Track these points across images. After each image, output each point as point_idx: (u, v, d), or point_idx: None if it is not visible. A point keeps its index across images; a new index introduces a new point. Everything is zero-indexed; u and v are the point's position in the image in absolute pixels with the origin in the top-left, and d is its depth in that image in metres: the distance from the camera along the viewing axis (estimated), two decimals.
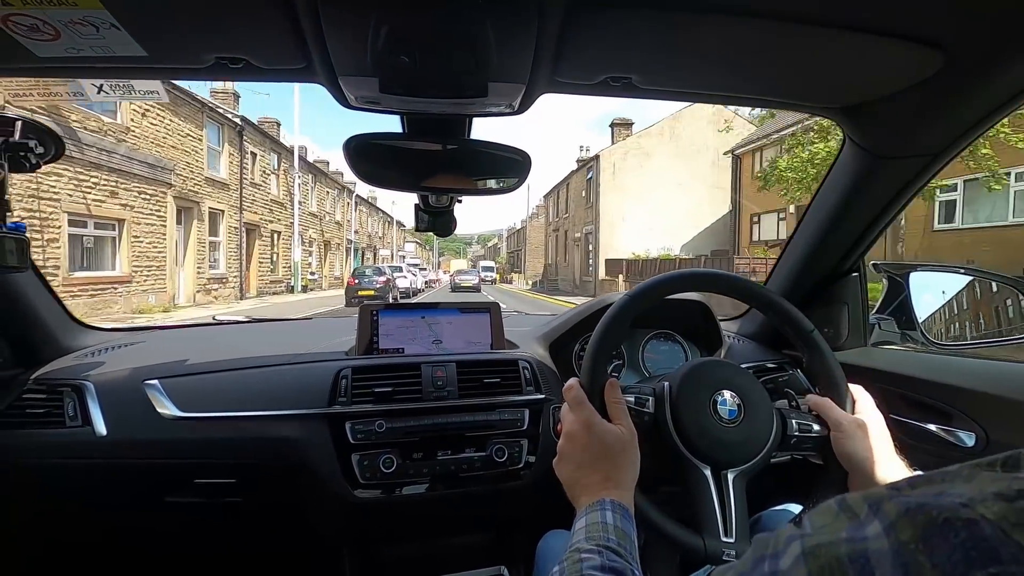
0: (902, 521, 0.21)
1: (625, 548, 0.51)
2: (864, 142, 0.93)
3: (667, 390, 0.73)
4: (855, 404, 0.74)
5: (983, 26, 0.61)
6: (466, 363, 1.12)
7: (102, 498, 1.08)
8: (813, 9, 0.59)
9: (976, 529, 0.19)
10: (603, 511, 0.55)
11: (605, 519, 0.54)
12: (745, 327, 1.41)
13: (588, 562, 0.48)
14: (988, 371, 0.94)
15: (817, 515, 0.26)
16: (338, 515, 1.09)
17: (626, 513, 0.56)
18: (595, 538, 0.52)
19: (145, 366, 1.09)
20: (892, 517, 0.21)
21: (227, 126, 14.54)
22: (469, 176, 0.87)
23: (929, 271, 1.21)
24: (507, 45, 0.62)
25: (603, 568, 0.47)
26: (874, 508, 0.23)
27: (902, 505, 0.22)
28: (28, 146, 0.84)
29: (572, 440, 0.63)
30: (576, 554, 0.50)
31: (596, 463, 0.61)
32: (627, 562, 0.49)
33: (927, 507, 0.21)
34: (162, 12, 0.59)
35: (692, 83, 0.81)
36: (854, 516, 0.23)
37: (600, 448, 0.62)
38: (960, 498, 0.20)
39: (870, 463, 0.66)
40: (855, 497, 0.25)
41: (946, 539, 0.19)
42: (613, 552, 0.50)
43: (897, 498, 0.22)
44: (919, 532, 0.20)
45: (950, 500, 0.20)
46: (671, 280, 0.77)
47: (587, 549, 0.50)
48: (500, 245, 72.63)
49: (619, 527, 0.54)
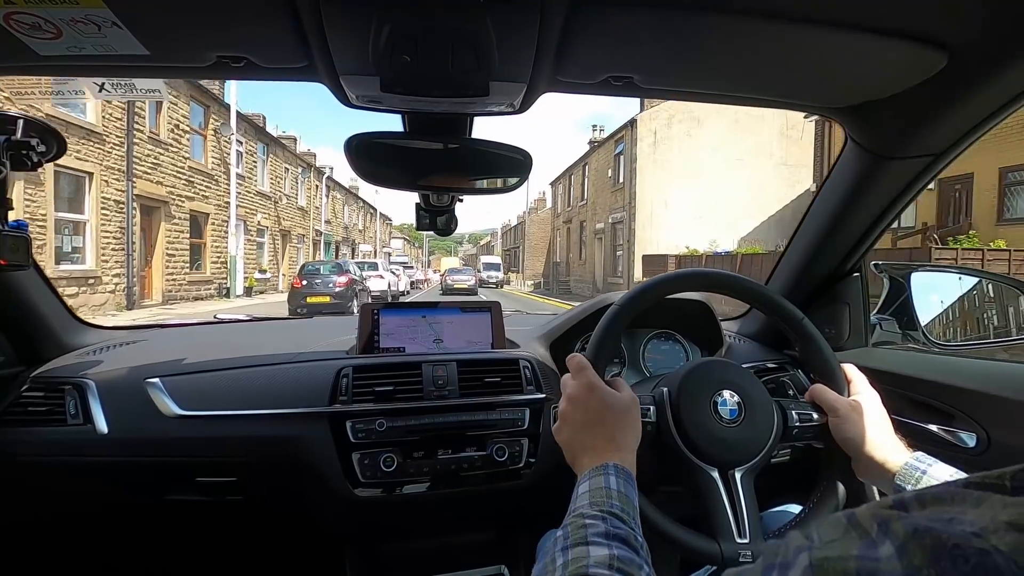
0: (911, 543, 0.21)
1: (628, 514, 0.51)
2: (866, 142, 0.92)
3: (667, 396, 0.74)
4: (851, 385, 0.74)
5: (985, 26, 0.61)
6: (467, 362, 1.12)
7: (103, 496, 1.08)
8: (815, 9, 0.59)
9: (988, 560, 0.19)
10: (607, 475, 0.55)
11: (609, 484, 0.54)
12: (746, 327, 1.41)
13: (592, 528, 0.48)
14: (989, 371, 0.94)
15: (826, 527, 0.26)
16: (339, 514, 1.09)
17: (629, 477, 0.56)
18: (599, 503, 0.51)
19: (146, 364, 1.09)
20: (901, 537, 0.21)
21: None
22: (470, 175, 0.87)
23: (930, 271, 1.21)
24: (508, 44, 0.62)
25: (607, 535, 0.47)
26: (884, 527, 0.23)
27: (911, 526, 0.22)
28: (30, 144, 0.84)
29: (574, 403, 0.64)
30: (580, 519, 0.49)
31: (598, 425, 0.62)
32: (631, 528, 0.49)
33: (936, 531, 0.21)
34: (164, 11, 0.59)
35: (694, 82, 0.80)
36: (865, 534, 0.23)
37: (602, 409, 0.63)
38: (972, 527, 0.20)
39: (869, 446, 0.67)
40: (864, 513, 0.25)
41: (956, 566, 0.19)
42: (617, 518, 0.50)
43: (906, 519, 0.22)
44: (928, 557, 0.20)
45: (960, 528, 0.20)
46: (666, 281, 0.78)
47: (591, 515, 0.50)
48: (494, 243, 68.06)
49: (622, 492, 0.54)
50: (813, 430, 0.74)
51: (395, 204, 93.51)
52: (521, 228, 43.07)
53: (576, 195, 25.02)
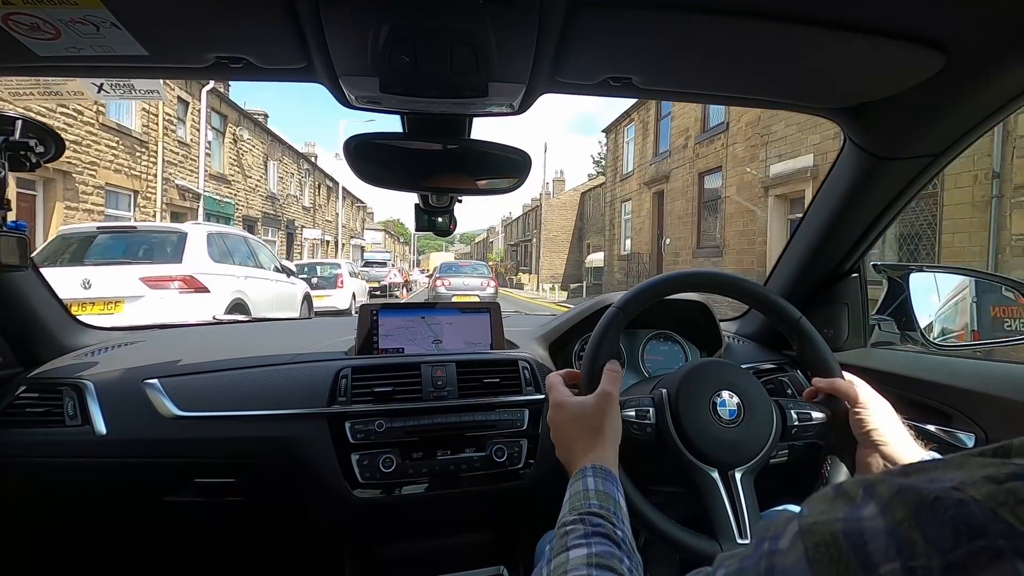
0: (895, 501, 0.22)
1: (608, 508, 0.52)
2: (865, 143, 0.93)
3: (665, 397, 0.74)
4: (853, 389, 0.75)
5: (984, 27, 0.61)
6: (466, 363, 1.12)
7: (102, 498, 1.08)
8: (814, 10, 0.59)
9: (965, 508, 0.20)
10: (584, 478, 0.57)
11: (586, 486, 0.55)
12: (744, 327, 1.41)
13: (573, 533, 0.49)
14: (988, 372, 0.94)
15: (815, 501, 0.27)
16: (338, 515, 1.09)
17: (607, 474, 0.57)
18: (577, 508, 0.53)
19: (145, 365, 1.08)
20: (885, 498, 0.22)
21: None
22: (469, 176, 0.87)
23: (929, 272, 1.21)
24: (507, 45, 0.62)
25: (586, 535, 0.48)
26: (868, 491, 0.24)
27: (894, 486, 0.23)
28: (28, 145, 0.84)
29: (553, 424, 0.67)
30: (561, 529, 0.51)
31: (576, 436, 0.64)
32: (610, 523, 0.50)
33: (918, 488, 0.22)
34: (163, 11, 0.59)
35: (692, 83, 0.81)
36: (850, 500, 0.24)
37: (571, 422, 0.65)
38: (951, 482, 0.21)
39: (892, 437, 0.67)
40: (851, 482, 0.26)
41: (936, 516, 0.20)
42: (595, 515, 0.51)
43: (890, 480, 0.23)
44: (911, 510, 0.21)
45: (941, 484, 0.21)
46: (661, 283, 0.78)
47: (570, 521, 0.51)
48: (493, 239, 58.54)
49: (600, 490, 0.55)
50: (813, 429, 0.74)
51: (381, 200, 78.59)
52: (533, 217, 31.95)
53: (679, 140, 13.35)
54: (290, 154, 20.23)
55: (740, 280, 0.82)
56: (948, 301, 1.21)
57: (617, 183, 18.50)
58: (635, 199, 16.73)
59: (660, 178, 14.67)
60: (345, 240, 28.08)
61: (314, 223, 22.85)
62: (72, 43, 0.62)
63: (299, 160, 21.27)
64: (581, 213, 27.35)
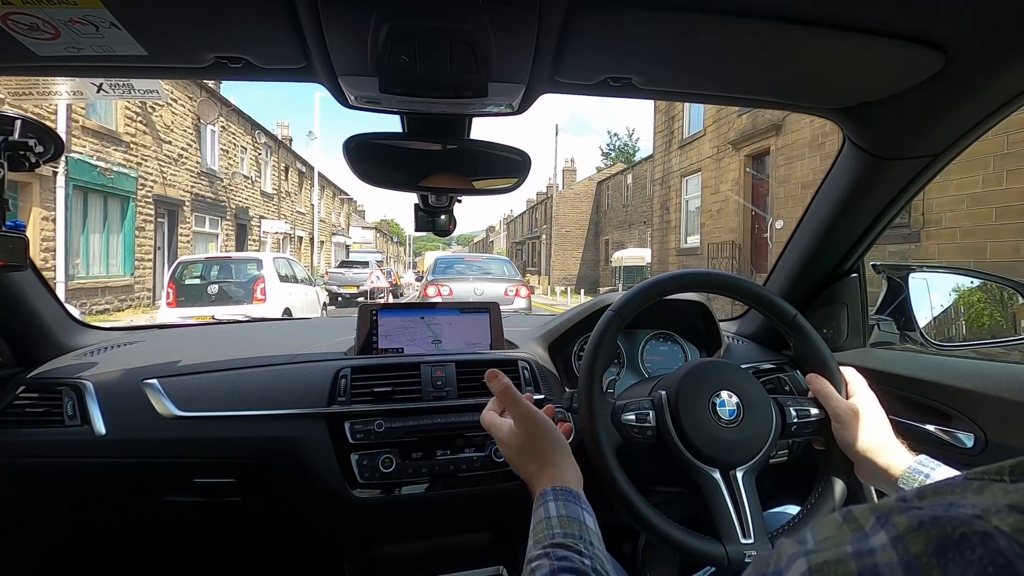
0: (912, 535, 0.20)
1: (573, 535, 0.50)
2: (864, 143, 0.93)
3: (665, 398, 0.74)
4: (848, 387, 0.75)
5: (983, 27, 0.61)
6: (465, 363, 1.12)
7: (101, 498, 1.07)
8: (813, 10, 0.59)
9: (991, 543, 0.18)
10: (545, 504, 0.54)
11: (548, 513, 0.53)
12: (744, 327, 1.41)
13: (539, 571, 0.47)
14: (987, 372, 0.94)
15: (821, 527, 0.25)
16: (337, 515, 1.09)
17: (568, 494, 0.55)
18: (541, 540, 0.51)
19: (144, 365, 1.08)
20: (901, 529, 0.21)
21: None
22: (469, 176, 0.87)
23: (929, 272, 1.21)
24: (507, 45, 0.62)
25: (552, 572, 0.46)
26: (882, 520, 0.22)
27: (914, 519, 0.21)
28: (27, 145, 0.84)
29: (508, 460, 0.66)
30: (528, 566, 0.48)
31: (526, 465, 0.62)
32: (576, 552, 0.48)
33: (940, 520, 0.20)
34: (162, 11, 0.59)
35: (692, 83, 0.81)
36: (859, 528, 0.23)
37: (515, 454, 0.63)
38: (973, 510, 0.20)
39: (873, 451, 0.67)
40: (862, 509, 0.24)
41: (961, 555, 0.19)
42: (560, 547, 0.49)
43: (907, 511, 0.22)
44: (932, 546, 0.19)
45: (962, 512, 0.20)
46: (663, 282, 0.78)
47: (535, 556, 0.49)
48: (493, 239, 56.13)
49: (563, 515, 0.52)
50: (812, 426, 0.74)
51: (374, 200, 75.64)
52: (542, 211, 27.74)
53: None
54: (240, 122, 15.06)
55: (737, 279, 0.82)
56: (948, 301, 1.21)
57: (672, 153, 13.04)
58: (708, 170, 11.51)
59: (762, 131, 9.56)
60: (325, 237, 23.61)
61: (279, 213, 18.37)
62: (72, 43, 0.62)
63: (254, 131, 16.17)
64: (597, 205, 23.88)
